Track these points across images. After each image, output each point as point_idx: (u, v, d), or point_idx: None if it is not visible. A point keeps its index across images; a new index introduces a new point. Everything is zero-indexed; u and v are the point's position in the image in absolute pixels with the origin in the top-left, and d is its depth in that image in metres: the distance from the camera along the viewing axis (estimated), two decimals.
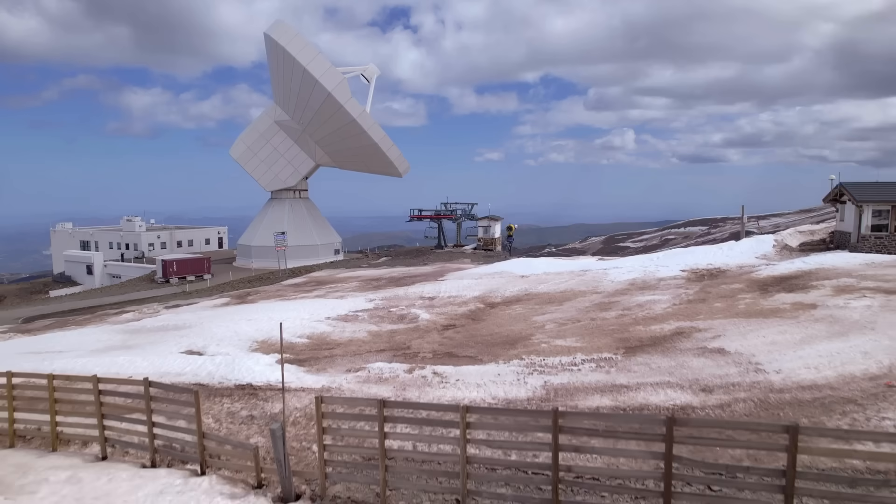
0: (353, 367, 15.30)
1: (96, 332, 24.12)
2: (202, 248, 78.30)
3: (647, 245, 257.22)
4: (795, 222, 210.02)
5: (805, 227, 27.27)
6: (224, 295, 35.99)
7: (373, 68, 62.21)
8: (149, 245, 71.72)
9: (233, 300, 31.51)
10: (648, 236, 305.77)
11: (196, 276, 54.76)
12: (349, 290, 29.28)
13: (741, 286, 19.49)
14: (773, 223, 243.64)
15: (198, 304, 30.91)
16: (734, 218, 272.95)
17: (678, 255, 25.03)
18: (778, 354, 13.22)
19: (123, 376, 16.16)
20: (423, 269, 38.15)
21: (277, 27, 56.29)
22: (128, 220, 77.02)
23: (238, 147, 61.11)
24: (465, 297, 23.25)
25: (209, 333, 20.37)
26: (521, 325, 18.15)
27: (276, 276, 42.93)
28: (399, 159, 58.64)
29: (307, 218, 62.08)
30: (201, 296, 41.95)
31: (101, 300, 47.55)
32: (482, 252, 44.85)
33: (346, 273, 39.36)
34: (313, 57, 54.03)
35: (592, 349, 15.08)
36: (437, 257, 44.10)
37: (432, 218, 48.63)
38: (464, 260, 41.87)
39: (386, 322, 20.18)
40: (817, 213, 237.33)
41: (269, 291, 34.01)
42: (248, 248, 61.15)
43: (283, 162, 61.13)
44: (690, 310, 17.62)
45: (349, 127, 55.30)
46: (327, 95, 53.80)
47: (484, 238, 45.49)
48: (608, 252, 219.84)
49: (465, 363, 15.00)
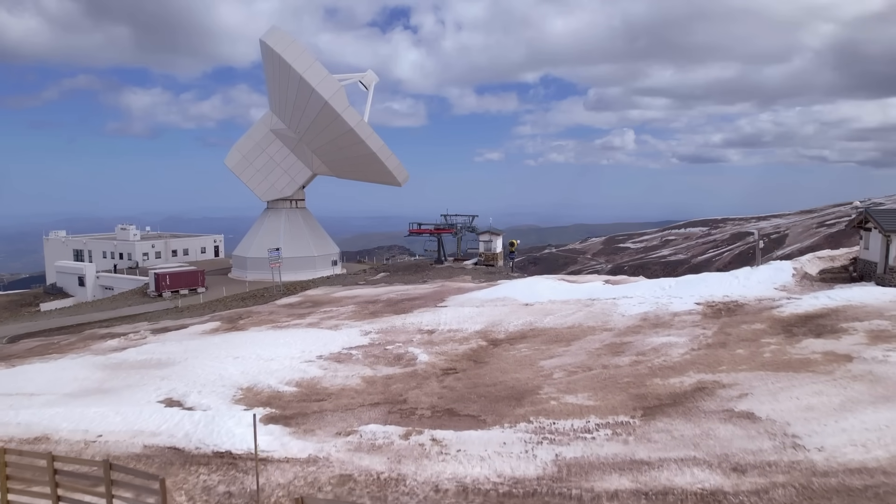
0: (344, 428, 13.91)
1: (75, 365, 22.72)
2: (198, 257, 76.89)
3: (647, 246, 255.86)
4: (796, 223, 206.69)
5: (824, 253, 25.88)
6: (215, 317, 34.61)
7: (371, 75, 60.83)
8: (143, 255, 70.30)
9: (223, 325, 30.13)
10: (649, 237, 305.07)
11: (189, 289, 53.41)
12: (344, 316, 27.87)
13: (763, 326, 18.07)
14: (774, 224, 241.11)
15: (186, 330, 29.52)
16: (734, 219, 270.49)
17: (691, 285, 23.63)
18: (817, 424, 11.84)
19: (93, 434, 14.89)
20: (422, 288, 36.76)
21: (273, 33, 54.93)
22: (122, 229, 75.61)
23: (233, 156, 59.71)
24: (465, 332, 21.86)
25: (192, 376, 18.99)
26: (527, 372, 16.75)
27: (271, 294, 41.58)
28: (398, 169, 57.26)
29: (304, 229, 60.68)
30: (192, 315, 40.57)
31: (90, 316, 46.16)
32: (483, 268, 43.46)
33: (343, 292, 37.99)
34: (310, 64, 52.66)
35: (607, 410, 13.70)
36: (437, 273, 42.70)
37: (431, 233, 47.23)
38: (464, 277, 40.50)
39: (381, 363, 18.79)
40: (818, 213, 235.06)
41: (262, 314, 32.62)
42: (244, 260, 59.75)
43: (279, 171, 59.75)
44: (711, 357, 16.22)
45: (347, 136, 53.92)
46: (324, 104, 52.43)
47: (485, 253, 44.11)
48: (608, 252, 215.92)
49: (466, 425, 13.62)
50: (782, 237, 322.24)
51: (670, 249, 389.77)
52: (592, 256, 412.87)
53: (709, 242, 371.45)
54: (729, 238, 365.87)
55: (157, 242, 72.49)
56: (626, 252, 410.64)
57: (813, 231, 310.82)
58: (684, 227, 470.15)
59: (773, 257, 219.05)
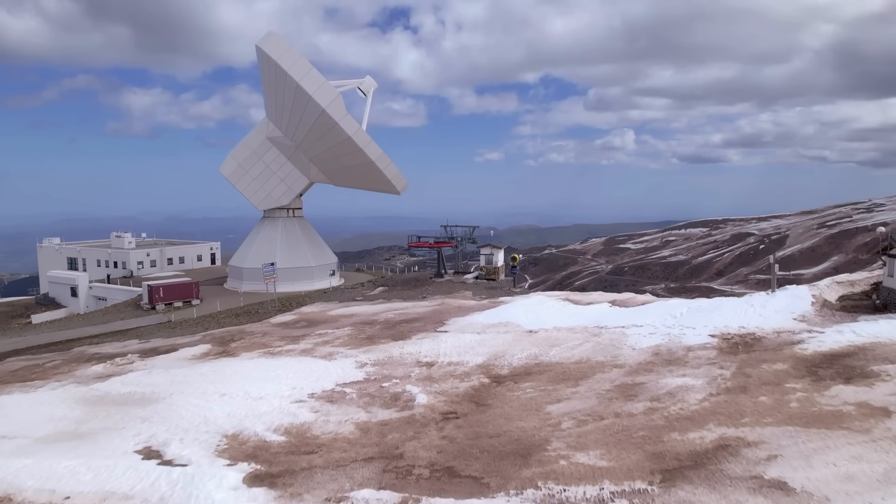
0: (334, 491, 12.68)
1: (54, 399, 21.51)
2: (194, 265, 75.79)
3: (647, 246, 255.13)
4: (797, 224, 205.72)
5: (843, 278, 24.69)
6: (206, 337, 33.43)
7: (370, 81, 59.66)
8: (138, 263, 69.16)
9: (213, 348, 28.93)
10: (649, 237, 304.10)
11: (184, 301, 52.27)
12: (340, 342, 26.66)
13: (786, 367, 16.85)
14: (775, 224, 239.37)
15: (175, 354, 28.32)
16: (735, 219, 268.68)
17: (704, 313, 22.42)
18: (860, 501, 10.64)
19: (59, 496, 13.66)
20: (421, 306, 35.58)
21: (269, 39, 53.79)
22: (117, 236, 74.47)
23: (229, 164, 58.57)
24: (466, 366, 20.66)
25: (175, 418, 17.79)
26: (534, 419, 15.54)
27: (265, 310, 40.41)
28: (397, 177, 56.11)
29: (301, 238, 59.56)
30: (185, 331, 39.44)
31: (81, 331, 45.04)
32: (484, 282, 42.24)
33: (339, 310, 36.80)
34: (307, 72, 51.52)
35: (622, 473, 12.48)
36: (437, 288, 41.50)
37: (431, 246, 46.00)
38: (465, 293, 39.30)
39: (377, 404, 17.59)
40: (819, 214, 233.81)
41: (255, 335, 31.42)
42: (239, 271, 58.63)
43: (275, 180, 58.62)
44: (732, 406, 14.99)
45: (345, 145, 52.80)
46: (321, 112, 51.32)
47: (486, 267, 42.89)
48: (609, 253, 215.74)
49: (468, 490, 12.40)
50: (783, 238, 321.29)
51: (671, 250, 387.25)
52: (592, 257, 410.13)
53: (709, 243, 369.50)
54: (729, 239, 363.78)
55: (153, 251, 71.34)
56: (627, 253, 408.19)
57: (814, 232, 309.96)
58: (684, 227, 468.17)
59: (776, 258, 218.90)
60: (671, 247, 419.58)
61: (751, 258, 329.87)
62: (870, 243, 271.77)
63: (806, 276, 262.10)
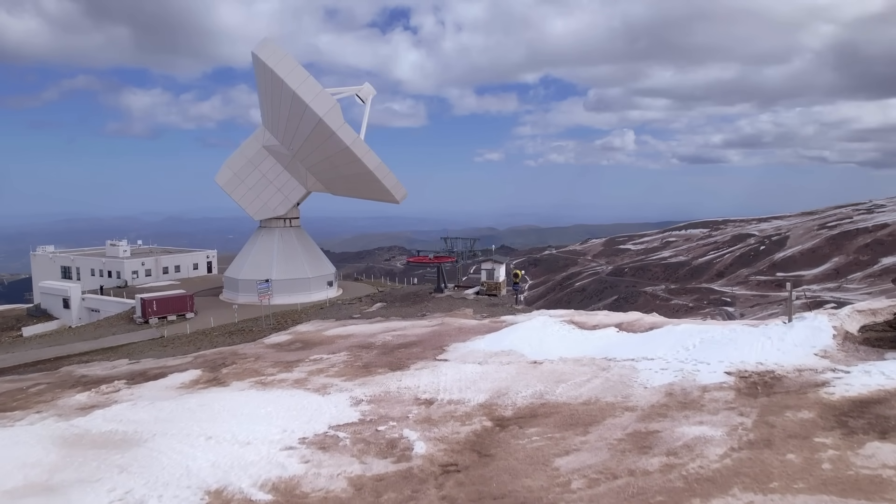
0: None
1: (31, 438, 20.29)
2: (189, 274, 74.63)
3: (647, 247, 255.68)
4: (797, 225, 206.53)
5: (864, 306, 23.49)
6: (197, 359, 32.28)
7: (368, 88, 58.52)
8: (132, 273, 68.00)
9: (204, 374, 27.76)
10: (649, 238, 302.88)
11: (178, 314, 51.11)
12: (334, 371, 25.47)
13: (812, 416, 15.63)
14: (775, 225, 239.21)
15: (164, 381, 27.14)
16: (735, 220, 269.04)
17: (718, 346, 21.23)
18: None
19: None
20: (420, 325, 34.42)
21: (266, 46, 52.66)
22: (112, 244, 73.33)
23: (224, 174, 57.42)
24: (468, 405, 19.46)
25: (155, 467, 16.59)
26: (541, 477, 14.32)
27: (260, 328, 39.22)
28: (396, 187, 54.99)
29: (298, 249, 58.41)
30: (176, 350, 38.34)
31: (71, 347, 43.96)
32: (485, 298, 41.05)
33: (335, 329, 35.62)
34: (303, 80, 50.40)
35: None
36: (437, 304, 40.31)
37: (431, 262, 44.76)
38: (465, 310, 38.11)
39: (372, 453, 16.39)
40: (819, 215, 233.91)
41: (247, 359, 30.25)
42: (235, 282, 57.47)
43: (272, 189, 57.47)
44: (757, 464, 13.77)
45: (342, 154, 51.67)
46: (318, 121, 50.20)
47: (487, 282, 41.67)
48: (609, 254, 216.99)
49: None
50: (783, 239, 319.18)
51: (671, 251, 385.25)
52: (593, 258, 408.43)
53: (710, 244, 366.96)
54: (730, 240, 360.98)
55: (147, 260, 70.19)
56: (627, 254, 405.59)
57: (814, 233, 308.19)
58: (685, 228, 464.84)
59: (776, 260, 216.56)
60: (671, 248, 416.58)
61: (751, 259, 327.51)
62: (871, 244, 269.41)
63: (807, 276, 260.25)
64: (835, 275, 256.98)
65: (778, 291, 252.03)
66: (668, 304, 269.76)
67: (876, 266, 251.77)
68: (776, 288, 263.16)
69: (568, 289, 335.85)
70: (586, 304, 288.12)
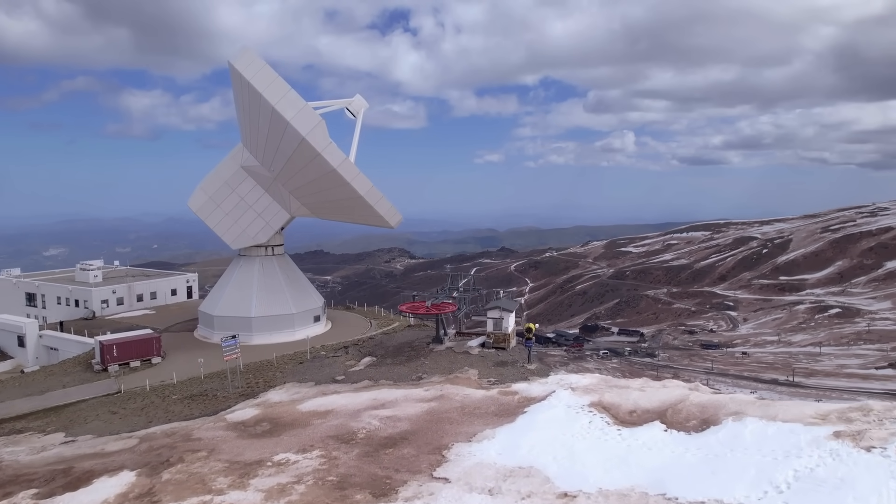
0: None
1: None
2: (167, 300, 68.56)
3: (649, 250, 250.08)
4: (800, 228, 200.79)
5: None
6: (141, 446, 26.28)
7: (360, 101, 52.41)
8: (102, 302, 61.84)
9: (136, 485, 21.74)
10: (651, 241, 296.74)
11: (143, 359, 45.13)
12: (300, 491, 19.42)
13: None
14: (778, 228, 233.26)
15: (83, 496, 21.16)
16: (737, 223, 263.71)
17: (825, 490, 15.24)
18: None
19: None
20: (414, 399, 28.37)
21: (243, 56, 46.52)
22: (82, 269, 67.15)
23: (198, 198, 51.37)
24: None
25: None
26: None
27: (225, 392, 33.27)
28: (390, 212, 48.96)
29: (281, 281, 52.32)
30: (125, 420, 32.42)
31: (10, 406, 38.01)
32: (492, 353, 35.03)
33: (312, 402, 29.60)
34: (284, 93, 44.28)
35: None
36: (435, 362, 34.28)
37: (429, 311, 38.29)
38: (469, 372, 32.08)
39: None
40: (822, 218, 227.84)
41: (199, 451, 24.23)
42: (210, 318, 51.41)
43: (251, 214, 51.36)
44: None
45: (329, 177, 45.60)
46: (301, 140, 44.10)
47: (494, 333, 35.66)
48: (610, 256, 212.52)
49: None
50: (786, 242, 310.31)
51: (672, 254, 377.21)
52: (594, 260, 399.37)
53: (711, 247, 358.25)
54: (732, 243, 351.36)
55: (120, 287, 63.98)
56: (628, 256, 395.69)
57: (817, 237, 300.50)
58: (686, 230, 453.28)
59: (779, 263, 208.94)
60: (673, 250, 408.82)
61: (754, 263, 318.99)
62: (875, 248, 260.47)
63: (810, 280, 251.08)
64: (839, 279, 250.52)
65: (781, 296, 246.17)
66: (670, 307, 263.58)
67: (880, 270, 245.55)
68: (779, 292, 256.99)
69: (569, 292, 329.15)
70: (587, 308, 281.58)
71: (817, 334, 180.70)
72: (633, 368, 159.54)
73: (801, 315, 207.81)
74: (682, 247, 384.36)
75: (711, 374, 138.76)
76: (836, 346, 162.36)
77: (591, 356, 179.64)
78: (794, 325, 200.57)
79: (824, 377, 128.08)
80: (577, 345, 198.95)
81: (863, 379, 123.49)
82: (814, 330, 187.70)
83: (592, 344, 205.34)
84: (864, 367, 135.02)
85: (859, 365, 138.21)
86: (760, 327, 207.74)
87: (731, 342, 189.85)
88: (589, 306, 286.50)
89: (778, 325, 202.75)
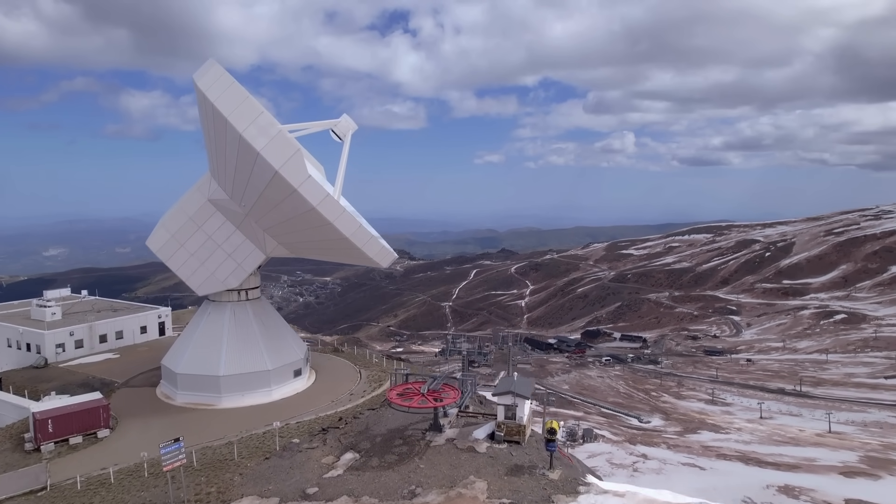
0: None
1: None
2: (136, 340, 61.27)
3: (650, 253, 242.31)
4: (803, 230, 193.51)
5: None
6: None
7: (347, 122, 45.00)
8: (57, 346, 54.42)
9: None
10: (652, 243, 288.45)
11: (85, 434, 37.91)
12: None
13: None
14: (780, 231, 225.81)
15: None
16: (739, 225, 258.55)
17: None
18: None
19: None
20: None
21: (207, 72, 39.11)
22: (39, 305, 59.70)
23: (158, 236, 44.07)
24: None
25: None
26: None
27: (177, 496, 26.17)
28: (381, 254, 41.78)
29: (255, 330, 45.02)
30: None
31: None
32: (504, 451, 27.96)
33: None
34: (254, 117, 36.98)
35: None
36: (431, 464, 27.18)
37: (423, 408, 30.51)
38: (475, 485, 25.02)
39: None
40: (825, 220, 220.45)
41: None
42: (174, 376, 44.14)
43: (220, 255, 44.04)
44: None
45: (308, 216, 38.31)
46: (274, 174, 36.80)
47: (506, 424, 28.60)
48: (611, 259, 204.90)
49: None
50: (789, 245, 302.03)
51: (674, 257, 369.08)
52: (595, 263, 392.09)
53: (713, 250, 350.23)
54: (734, 246, 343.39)
55: (79, 329, 56.48)
56: (629, 259, 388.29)
57: (821, 240, 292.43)
58: (688, 233, 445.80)
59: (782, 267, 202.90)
60: (674, 253, 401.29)
61: (756, 266, 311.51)
62: (879, 252, 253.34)
63: (814, 285, 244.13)
64: (843, 283, 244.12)
65: (785, 300, 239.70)
66: (672, 311, 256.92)
67: (885, 274, 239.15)
68: (783, 296, 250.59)
69: (570, 295, 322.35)
70: (589, 311, 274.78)
71: (823, 341, 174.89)
72: (636, 377, 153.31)
73: (805, 320, 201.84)
74: (683, 249, 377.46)
75: (716, 383, 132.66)
76: (843, 354, 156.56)
77: (594, 363, 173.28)
78: (799, 330, 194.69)
79: (832, 386, 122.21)
80: (578, 351, 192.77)
81: (871, 389, 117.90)
82: (819, 336, 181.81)
83: (594, 350, 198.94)
84: (872, 375, 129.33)
85: (867, 374, 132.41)
86: (764, 333, 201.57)
87: (735, 348, 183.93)
88: (590, 310, 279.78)
89: (782, 331, 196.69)
